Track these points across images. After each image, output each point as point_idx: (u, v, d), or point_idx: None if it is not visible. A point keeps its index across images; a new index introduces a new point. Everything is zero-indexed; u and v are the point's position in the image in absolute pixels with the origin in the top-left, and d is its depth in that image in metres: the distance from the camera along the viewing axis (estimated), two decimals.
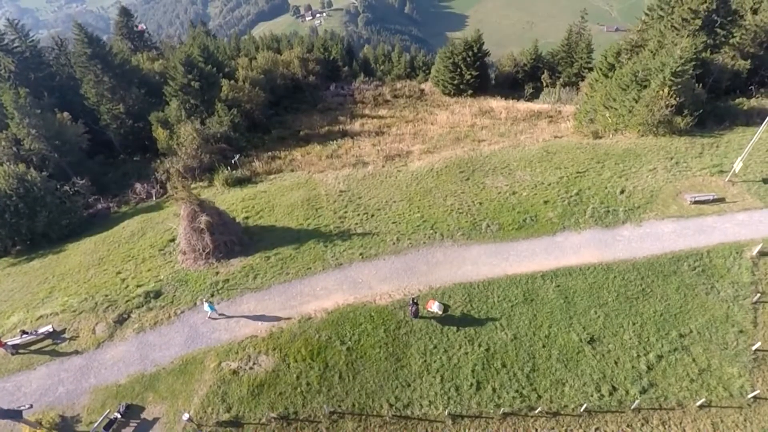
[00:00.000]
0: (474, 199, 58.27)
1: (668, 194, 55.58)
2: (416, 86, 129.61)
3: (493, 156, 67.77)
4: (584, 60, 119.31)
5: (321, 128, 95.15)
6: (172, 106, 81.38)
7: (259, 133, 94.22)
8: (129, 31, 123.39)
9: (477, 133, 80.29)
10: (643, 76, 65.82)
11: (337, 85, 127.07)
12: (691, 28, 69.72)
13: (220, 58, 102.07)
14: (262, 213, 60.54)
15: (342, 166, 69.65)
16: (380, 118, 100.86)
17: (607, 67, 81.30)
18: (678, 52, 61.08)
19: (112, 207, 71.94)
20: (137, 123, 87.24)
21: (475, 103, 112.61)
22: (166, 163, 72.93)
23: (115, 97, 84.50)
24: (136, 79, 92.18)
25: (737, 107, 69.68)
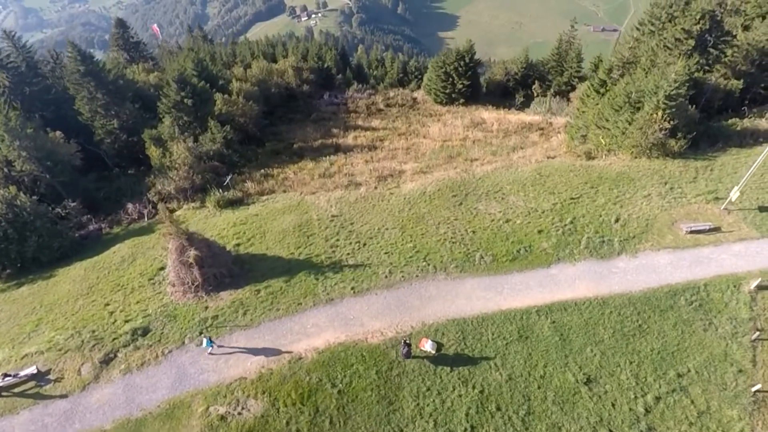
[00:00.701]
0: (467, 226, 55.56)
1: (664, 223, 53.02)
2: (409, 94, 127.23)
3: (486, 178, 65.13)
4: (574, 69, 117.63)
5: (314, 141, 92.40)
6: (165, 124, 78.60)
7: (253, 145, 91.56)
8: (125, 42, 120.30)
9: (469, 151, 77.63)
10: (637, 98, 63.09)
11: (331, 93, 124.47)
12: (683, 48, 66.97)
13: (215, 71, 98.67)
14: (253, 240, 57.69)
15: (334, 187, 66.91)
16: (373, 130, 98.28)
17: (599, 84, 78.58)
18: (672, 75, 58.43)
19: (104, 228, 69.12)
20: (131, 137, 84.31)
21: (467, 112, 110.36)
22: (158, 185, 69.62)
23: (108, 113, 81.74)
24: (131, 93, 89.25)
25: (730, 128, 67.11)
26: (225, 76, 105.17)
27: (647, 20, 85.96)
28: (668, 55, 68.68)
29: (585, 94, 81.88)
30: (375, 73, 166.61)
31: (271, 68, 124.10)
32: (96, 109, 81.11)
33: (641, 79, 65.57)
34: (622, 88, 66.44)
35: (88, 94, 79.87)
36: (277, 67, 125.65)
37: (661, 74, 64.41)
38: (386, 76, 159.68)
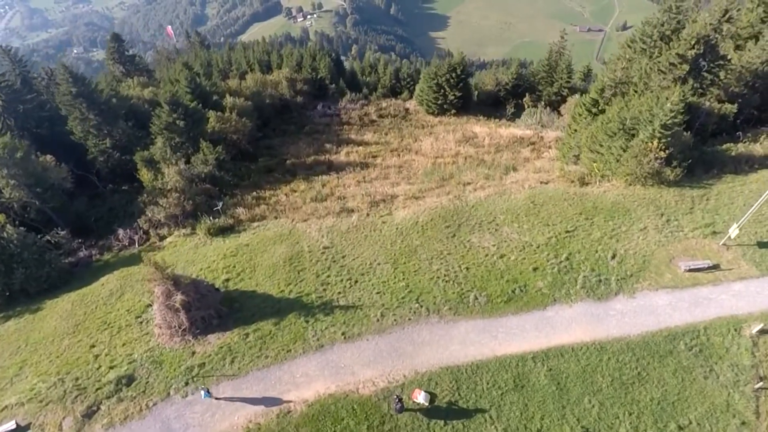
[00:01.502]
0: (460, 262, 52.29)
1: (661, 260, 49.87)
2: (401, 105, 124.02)
3: (479, 206, 61.83)
4: (564, 80, 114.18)
5: (307, 157, 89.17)
6: (158, 144, 75.03)
7: (246, 161, 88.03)
8: (120, 56, 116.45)
9: (462, 172, 74.12)
10: (631, 125, 59.73)
11: (324, 104, 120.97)
12: (678, 72, 63.71)
13: (208, 87, 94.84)
14: (243, 275, 54.34)
15: (326, 214, 63.64)
16: (365, 144, 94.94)
17: (591, 103, 75.26)
18: (668, 105, 55.11)
19: (94, 255, 65.60)
20: (124, 156, 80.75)
21: (458, 125, 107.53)
22: (148, 213, 66.18)
23: (101, 132, 78.13)
24: (124, 110, 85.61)
25: (725, 153, 63.95)
26: (219, 91, 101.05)
27: (638, 38, 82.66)
28: (662, 79, 65.31)
29: (577, 113, 78.47)
30: (368, 80, 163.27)
31: (265, 80, 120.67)
32: (88, 129, 77.30)
33: (635, 103, 62.14)
34: (615, 113, 63.07)
35: (80, 115, 76.46)
36: (271, 78, 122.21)
37: (656, 100, 61.20)
38: (379, 82, 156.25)
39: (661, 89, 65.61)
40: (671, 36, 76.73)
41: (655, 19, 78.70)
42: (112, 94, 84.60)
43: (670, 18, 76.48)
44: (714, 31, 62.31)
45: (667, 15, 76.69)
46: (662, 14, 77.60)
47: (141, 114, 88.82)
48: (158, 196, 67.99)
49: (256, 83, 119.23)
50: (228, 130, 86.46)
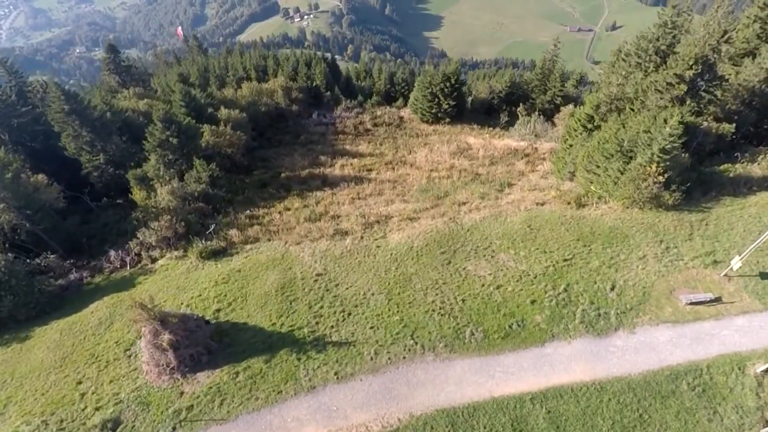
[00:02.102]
0: (456, 293, 49.50)
1: (661, 292, 47.16)
2: (395, 113, 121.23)
3: (475, 230, 59.07)
4: (557, 88, 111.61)
5: (302, 170, 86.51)
6: (151, 162, 72.26)
7: (241, 174, 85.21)
8: (116, 66, 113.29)
9: (457, 190, 71.37)
10: (629, 147, 56.97)
11: (319, 112, 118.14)
12: (675, 92, 60.93)
13: (203, 100, 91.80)
14: (234, 305, 51.48)
15: (320, 237, 60.83)
16: (360, 156, 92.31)
17: (586, 119, 72.57)
18: (667, 129, 52.33)
19: (85, 277, 62.67)
20: (118, 170, 77.96)
21: (452, 134, 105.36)
22: (140, 236, 63.34)
23: (94, 149, 75.17)
24: (119, 123, 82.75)
25: (723, 174, 61.08)
26: (213, 102, 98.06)
27: (633, 52, 79.98)
28: (659, 98, 62.55)
29: (572, 128, 75.69)
30: (363, 84, 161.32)
31: (261, 88, 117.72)
32: (81, 146, 74.54)
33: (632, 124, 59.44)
34: (613, 134, 60.24)
35: (73, 132, 73.80)
36: (267, 87, 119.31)
37: (653, 120, 58.57)
38: (374, 86, 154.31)
39: (658, 108, 62.87)
40: (667, 51, 74.12)
41: (650, 34, 76.02)
42: (107, 109, 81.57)
43: (665, 33, 73.79)
44: (712, 51, 59.35)
45: (662, 30, 74.00)
46: (657, 29, 74.94)
47: (136, 127, 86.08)
48: (150, 218, 64.84)
49: (252, 92, 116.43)
50: (222, 144, 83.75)
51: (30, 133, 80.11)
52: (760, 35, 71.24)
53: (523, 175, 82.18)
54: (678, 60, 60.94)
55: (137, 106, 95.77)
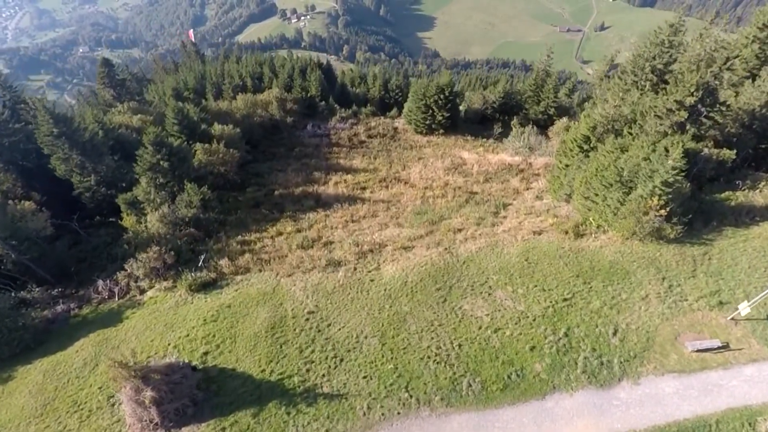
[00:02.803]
0: (452, 336, 45.95)
1: (666, 338, 43.67)
2: (389, 124, 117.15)
3: (471, 262, 55.42)
4: (551, 99, 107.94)
5: (295, 187, 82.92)
6: (141, 185, 68.51)
7: (234, 192, 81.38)
8: (111, 80, 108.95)
9: (452, 213, 68.01)
10: (629, 177, 53.29)
11: (314, 124, 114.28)
12: (675, 118, 57.32)
13: (196, 117, 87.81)
14: (222, 347, 47.85)
15: (312, 268, 57.16)
16: (354, 172, 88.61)
17: (582, 140, 68.90)
18: (670, 162, 48.68)
19: (72, 308, 58.88)
20: (110, 191, 74.16)
21: (446, 147, 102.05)
22: (127, 268, 59.60)
23: (85, 171, 71.39)
24: (112, 141, 78.82)
25: (724, 203, 57.41)
26: (207, 117, 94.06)
27: (630, 70, 76.60)
28: (659, 124, 58.95)
29: (567, 148, 72.04)
30: (358, 91, 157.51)
31: (256, 100, 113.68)
32: (72, 168, 70.63)
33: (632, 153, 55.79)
34: (612, 161, 56.60)
35: (62, 155, 69.94)
36: (261, 98, 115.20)
37: (652, 147, 55.11)
38: (369, 93, 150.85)
39: (658, 134, 59.35)
40: (663, 69, 70.74)
41: (647, 52, 72.64)
42: (98, 128, 77.64)
43: (662, 52, 70.39)
44: (713, 78, 55.67)
45: (659, 49, 70.59)
46: (654, 47, 71.52)
47: (129, 144, 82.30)
48: (140, 244, 61.24)
49: (247, 104, 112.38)
50: (215, 162, 79.88)
51: (22, 152, 76.35)
52: (759, 55, 67.44)
53: (518, 193, 78.76)
54: (678, 86, 57.18)
55: (131, 121, 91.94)
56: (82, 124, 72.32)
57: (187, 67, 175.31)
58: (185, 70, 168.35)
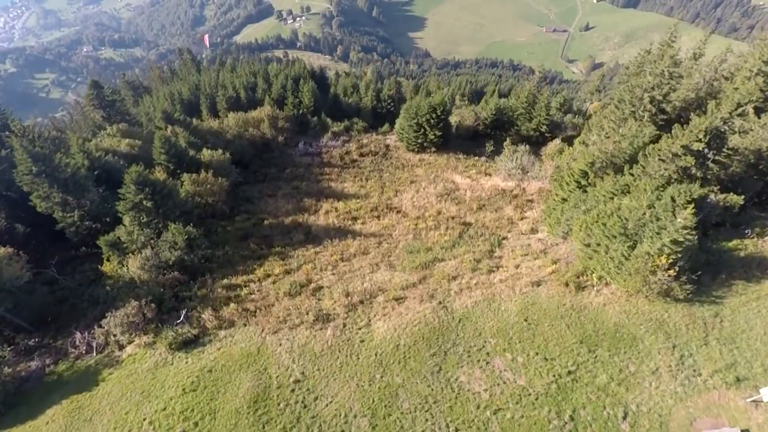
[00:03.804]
0: (448, 418, 40.36)
1: (681, 423, 38.17)
2: (381, 141, 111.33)
3: (466, 321, 49.75)
4: (543, 117, 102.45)
5: (286, 216, 77.55)
6: (125, 224, 62.89)
7: (223, 221, 75.65)
8: (101, 101, 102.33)
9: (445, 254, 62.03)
10: (634, 230, 47.52)
11: (306, 141, 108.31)
12: (681, 163, 51.60)
13: (184, 145, 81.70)
14: (201, 424, 42.08)
15: (299, 323, 51.52)
16: (345, 198, 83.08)
17: (580, 175, 63.28)
18: (680, 221, 42.96)
19: (48, 364, 52.98)
20: (95, 224, 68.27)
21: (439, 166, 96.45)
22: (104, 326, 53.68)
23: (67, 207, 65.30)
24: (98, 170, 72.86)
25: (732, 253, 51.67)
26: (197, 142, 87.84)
27: (627, 99, 70.95)
28: (663, 168, 53.26)
29: (564, 181, 66.47)
30: (350, 101, 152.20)
31: (248, 118, 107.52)
32: (53, 206, 64.63)
33: (634, 201, 50.04)
34: (614, 209, 50.90)
35: (42, 193, 63.53)
36: (253, 116, 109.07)
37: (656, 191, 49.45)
38: (361, 102, 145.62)
39: (662, 178, 53.66)
40: (663, 101, 65.07)
41: (645, 83, 66.98)
42: (85, 156, 71.84)
43: (661, 83, 64.67)
44: (723, 123, 49.91)
45: (658, 80, 64.87)
46: (653, 78, 65.79)
47: (116, 172, 76.19)
48: (119, 297, 55.35)
49: (238, 122, 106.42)
50: (203, 193, 73.97)
51: (6, 182, 70.01)
52: (764, 89, 61.62)
53: (512, 223, 73.44)
54: (685, 131, 51.38)
55: (119, 146, 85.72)
56: (64, 160, 65.82)
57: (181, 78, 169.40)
58: (179, 81, 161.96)
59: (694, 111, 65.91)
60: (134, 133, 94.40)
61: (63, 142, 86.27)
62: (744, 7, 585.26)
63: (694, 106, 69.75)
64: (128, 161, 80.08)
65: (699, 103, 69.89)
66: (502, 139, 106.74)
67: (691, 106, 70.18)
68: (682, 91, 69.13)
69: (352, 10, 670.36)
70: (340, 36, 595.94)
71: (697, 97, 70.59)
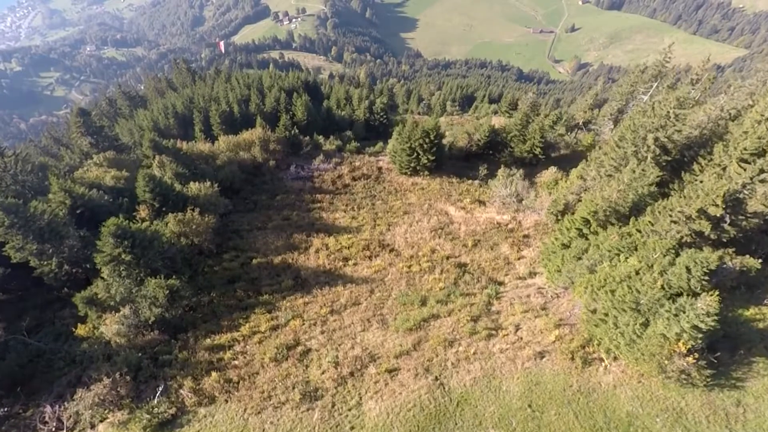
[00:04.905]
0: None
1: None
2: (374, 163, 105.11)
3: (465, 404, 43.53)
4: (536, 140, 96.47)
5: (275, 256, 71.81)
6: (103, 277, 56.73)
7: (210, 259, 69.26)
8: (88, 128, 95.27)
9: (441, 314, 56.13)
10: (647, 308, 41.35)
11: (297, 165, 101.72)
12: (695, 227, 45.40)
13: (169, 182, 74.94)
14: None
15: (285, 401, 45.23)
16: (337, 233, 77.55)
17: (582, 222, 57.29)
18: (702, 307, 36.78)
19: None
20: (75, 269, 62.12)
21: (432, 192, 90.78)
22: (72, 407, 47.26)
23: (44, 256, 58.94)
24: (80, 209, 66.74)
25: (751, 324, 45.53)
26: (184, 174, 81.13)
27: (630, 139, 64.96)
28: (675, 231, 47.05)
29: (565, 226, 60.55)
30: (343, 114, 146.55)
31: (239, 141, 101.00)
32: (27, 256, 58.23)
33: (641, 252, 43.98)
34: (624, 277, 44.69)
35: (16, 244, 57.04)
36: (244, 138, 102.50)
37: (669, 259, 43.36)
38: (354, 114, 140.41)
39: (673, 240, 47.51)
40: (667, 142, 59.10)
41: (649, 123, 60.91)
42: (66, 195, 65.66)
43: (666, 124, 58.61)
44: (743, 188, 43.68)
45: (663, 121, 58.76)
46: (658, 119, 59.66)
47: (100, 209, 70.02)
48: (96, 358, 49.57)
49: (229, 146, 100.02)
50: (190, 233, 67.46)
51: None
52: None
53: (509, 263, 67.99)
54: (700, 193, 45.18)
55: (105, 178, 79.09)
56: (40, 208, 59.20)
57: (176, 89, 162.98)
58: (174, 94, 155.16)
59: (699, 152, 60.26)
60: (122, 163, 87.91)
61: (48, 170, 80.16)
62: (724, 10, 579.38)
63: (698, 145, 63.91)
64: (114, 195, 73.92)
65: (703, 142, 64.03)
66: (496, 161, 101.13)
67: (694, 145, 64.29)
68: (685, 129, 63.12)
69: (346, 12, 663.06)
70: (335, 37, 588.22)
71: (701, 135, 64.64)
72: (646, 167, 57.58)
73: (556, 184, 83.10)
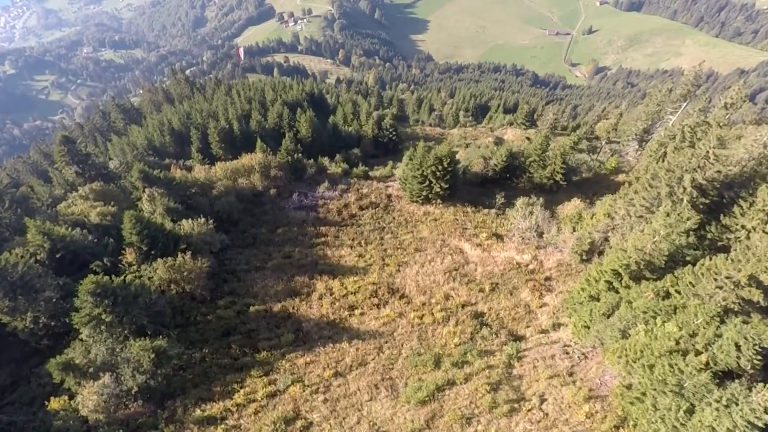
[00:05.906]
0: None
1: None
2: (383, 191, 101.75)
3: None
4: (558, 165, 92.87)
5: (274, 301, 68.60)
6: (82, 337, 53.69)
7: (203, 308, 66.17)
8: (73, 156, 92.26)
9: (458, 380, 52.62)
10: (692, 393, 37.82)
11: (300, 192, 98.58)
12: (744, 295, 41.99)
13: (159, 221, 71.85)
14: None
15: None
16: (342, 275, 74.11)
17: (612, 275, 53.90)
18: (758, 401, 33.42)
19: None
20: (53, 321, 59.21)
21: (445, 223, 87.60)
22: None
23: (16, 312, 55.91)
24: (61, 252, 63.81)
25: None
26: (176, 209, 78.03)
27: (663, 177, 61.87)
28: (720, 298, 43.50)
29: (593, 278, 57.17)
30: (350, 130, 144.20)
31: (237, 167, 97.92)
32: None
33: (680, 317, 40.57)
34: (665, 353, 41.13)
35: None
36: (244, 163, 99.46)
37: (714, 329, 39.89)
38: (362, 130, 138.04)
39: (718, 306, 43.97)
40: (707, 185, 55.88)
41: (685, 163, 57.40)
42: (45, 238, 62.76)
43: (706, 165, 55.44)
44: None
45: (701, 161, 55.62)
46: (696, 159, 56.48)
47: (83, 251, 67.14)
48: None
49: (227, 173, 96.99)
50: (180, 279, 64.38)
51: None
52: None
53: (530, 312, 64.89)
54: (751, 257, 41.63)
55: (90, 214, 76.14)
56: (12, 260, 56.21)
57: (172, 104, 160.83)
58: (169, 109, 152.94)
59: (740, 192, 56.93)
60: (109, 194, 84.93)
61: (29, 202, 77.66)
62: (748, 12, 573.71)
63: (739, 185, 60.46)
64: (99, 234, 71.10)
65: (744, 181, 60.54)
66: (513, 186, 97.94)
67: (735, 185, 60.82)
68: (723, 167, 59.69)
69: (354, 13, 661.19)
70: (342, 39, 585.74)
71: (741, 173, 61.13)
72: (683, 211, 54.14)
73: (580, 218, 79.54)
